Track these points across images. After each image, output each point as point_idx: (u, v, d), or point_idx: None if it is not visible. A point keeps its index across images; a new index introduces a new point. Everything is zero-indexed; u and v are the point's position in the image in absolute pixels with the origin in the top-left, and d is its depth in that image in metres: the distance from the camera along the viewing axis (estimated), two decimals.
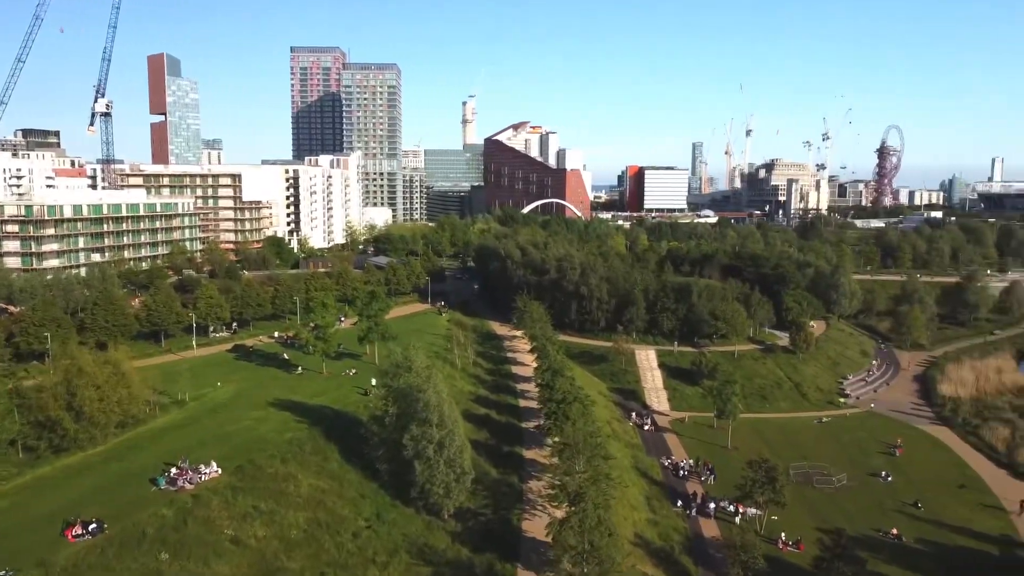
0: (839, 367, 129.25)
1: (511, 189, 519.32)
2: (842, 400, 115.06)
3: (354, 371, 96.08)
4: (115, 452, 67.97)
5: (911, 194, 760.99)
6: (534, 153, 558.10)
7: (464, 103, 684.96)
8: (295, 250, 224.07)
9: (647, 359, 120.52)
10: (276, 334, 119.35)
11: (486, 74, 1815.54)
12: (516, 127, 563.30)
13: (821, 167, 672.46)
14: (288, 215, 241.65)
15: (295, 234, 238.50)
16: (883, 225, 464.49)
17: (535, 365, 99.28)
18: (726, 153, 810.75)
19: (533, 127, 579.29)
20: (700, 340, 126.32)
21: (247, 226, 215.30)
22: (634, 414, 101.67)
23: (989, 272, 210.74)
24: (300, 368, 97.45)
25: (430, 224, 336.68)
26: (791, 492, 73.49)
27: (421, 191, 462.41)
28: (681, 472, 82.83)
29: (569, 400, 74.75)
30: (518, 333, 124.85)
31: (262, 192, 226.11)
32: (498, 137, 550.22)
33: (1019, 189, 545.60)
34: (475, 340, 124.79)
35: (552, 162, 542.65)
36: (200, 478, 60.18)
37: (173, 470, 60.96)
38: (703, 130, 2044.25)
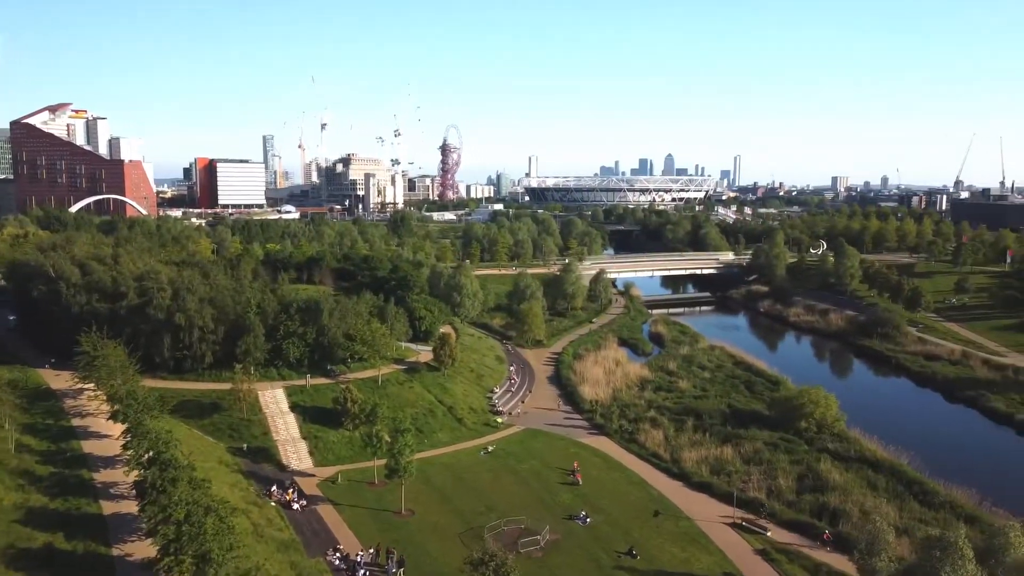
0: (484, 379, 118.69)
1: (52, 183, 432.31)
2: (498, 420, 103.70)
3: None
4: None
5: (468, 188, 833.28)
6: (80, 141, 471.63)
7: None
8: None
9: (275, 401, 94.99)
10: None
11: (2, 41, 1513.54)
12: (53, 109, 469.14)
13: (395, 162, 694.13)
14: None
15: None
16: (455, 218, 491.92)
17: (122, 441, 67.75)
18: (299, 147, 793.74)
19: (76, 111, 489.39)
20: (334, 368, 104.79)
21: None
22: (275, 488, 76.12)
23: (567, 261, 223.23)
24: None
25: None
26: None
27: None
28: (360, 572, 61.04)
29: (198, 516, 47.79)
30: (88, 385, 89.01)
31: None
32: (30, 120, 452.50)
33: (554, 183, 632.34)
34: (17, 404, 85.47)
35: (104, 152, 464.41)
36: None
37: None
38: (273, 123, 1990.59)
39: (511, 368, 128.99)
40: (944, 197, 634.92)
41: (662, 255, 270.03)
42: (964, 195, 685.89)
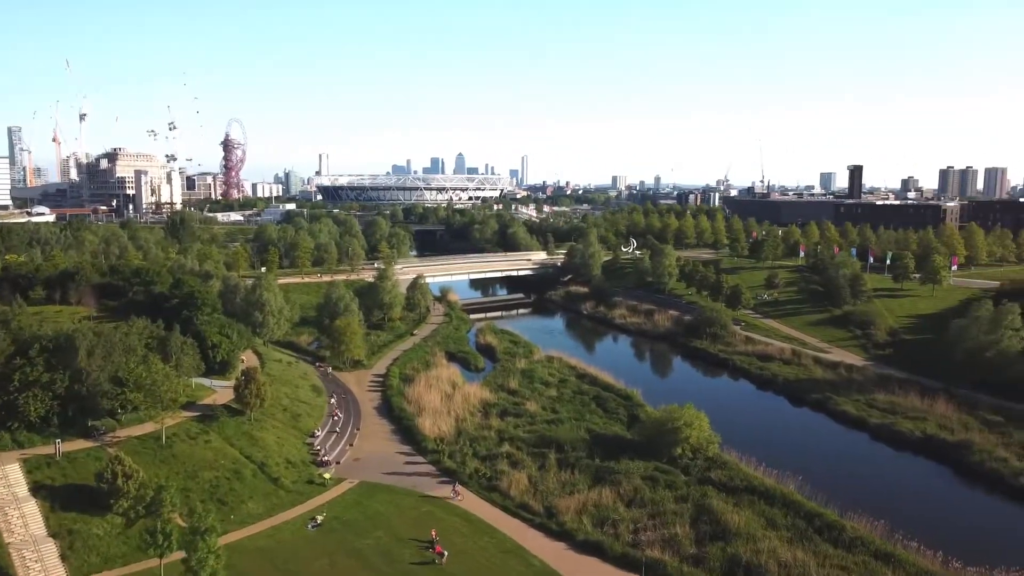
0: (301, 420, 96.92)
1: None
2: (326, 476, 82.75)
3: None
4: None
5: (254, 187, 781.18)
6: None
7: None
8: None
9: (6, 483, 67.68)
10: None
11: None
12: None
13: (172, 158, 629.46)
14: None
15: None
16: (242, 218, 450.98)
17: None
18: (54, 140, 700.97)
19: None
20: (98, 425, 78.56)
21: None
22: None
23: (381, 266, 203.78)
24: None
25: None
26: None
27: None
28: None
29: None
30: None
31: None
32: None
33: (349, 182, 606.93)
34: None
35: None
36: None
37: None
38: (21, 113, 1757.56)
39: (332, 400, 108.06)
40: (716, 195, 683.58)
41: (475, 256, 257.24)
42: (733, 193, 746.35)
